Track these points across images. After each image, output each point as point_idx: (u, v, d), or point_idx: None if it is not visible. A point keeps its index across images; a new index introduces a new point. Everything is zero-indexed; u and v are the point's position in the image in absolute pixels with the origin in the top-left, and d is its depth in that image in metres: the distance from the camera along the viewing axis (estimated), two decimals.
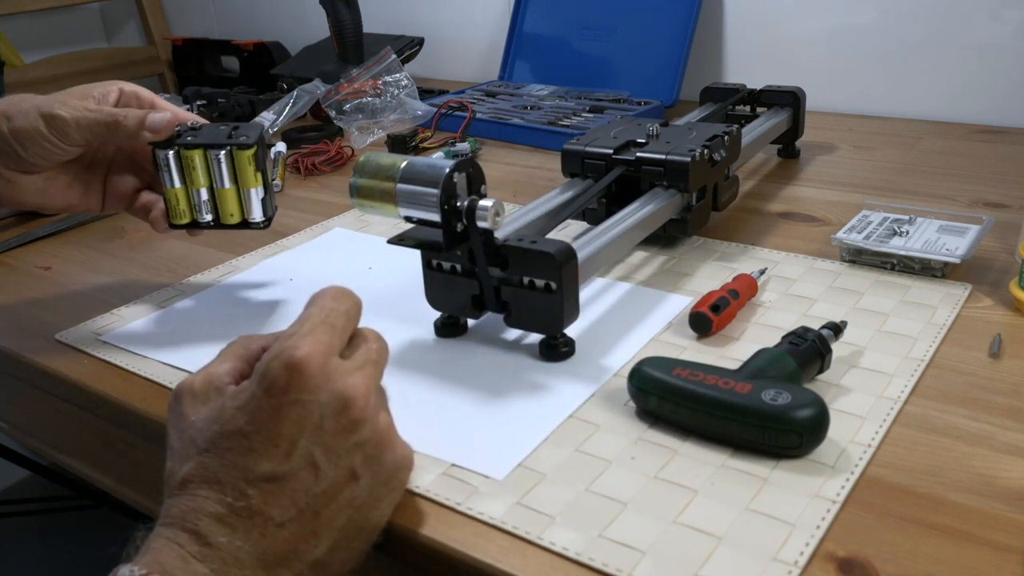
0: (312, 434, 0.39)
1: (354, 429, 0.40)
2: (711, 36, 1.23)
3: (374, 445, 0.41)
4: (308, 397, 0.39)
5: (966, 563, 0.39)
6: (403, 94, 1.15)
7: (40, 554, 1.54)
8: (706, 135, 0.71)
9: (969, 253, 0.64)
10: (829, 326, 0.53)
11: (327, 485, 0.40)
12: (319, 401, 0.40)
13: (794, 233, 0.75)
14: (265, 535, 0.38)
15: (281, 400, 0.39)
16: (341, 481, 0.40)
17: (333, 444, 0.40)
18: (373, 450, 0.41)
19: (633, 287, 0.66)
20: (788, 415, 0.44)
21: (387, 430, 0.43)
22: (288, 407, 0.39)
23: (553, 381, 0.54)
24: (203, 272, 0.74)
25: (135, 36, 1.95)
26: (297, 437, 0.39)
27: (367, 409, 0.41)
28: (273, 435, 0.39)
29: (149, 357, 0.60)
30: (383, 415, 0.43)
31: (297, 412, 0.39)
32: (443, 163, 0.52)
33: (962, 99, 1.07)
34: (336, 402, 0.40)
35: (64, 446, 0.70)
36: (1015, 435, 0.47)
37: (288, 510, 0.39)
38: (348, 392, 0.40)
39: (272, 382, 0.39)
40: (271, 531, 0.38)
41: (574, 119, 1.09)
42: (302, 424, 0.39)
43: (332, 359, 0.41)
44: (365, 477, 0.41)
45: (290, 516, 0.39)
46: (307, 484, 0.39)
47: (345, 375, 0.41)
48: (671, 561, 0.39)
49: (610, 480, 0.45)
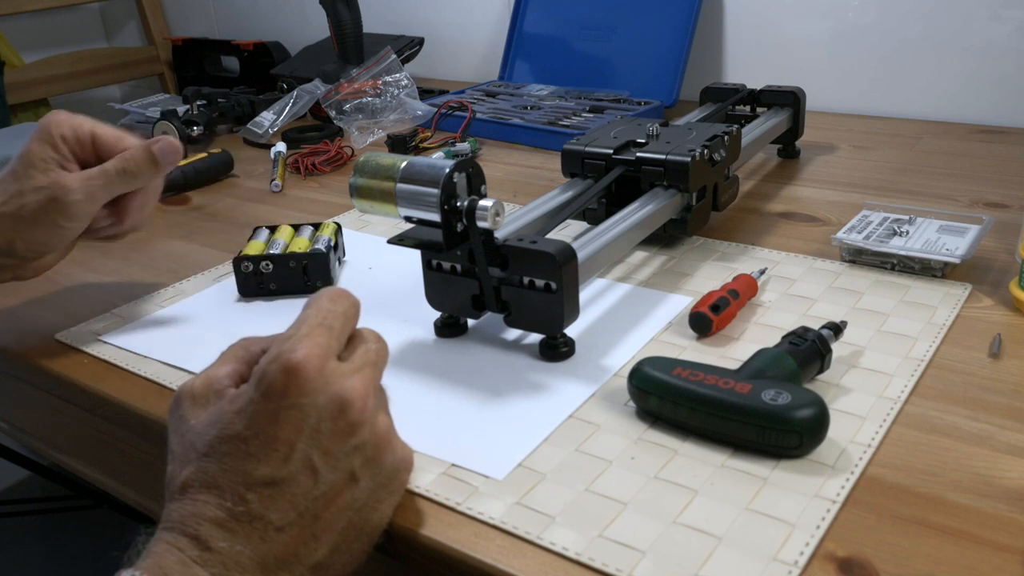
0: (310, 438, 0.39)
1: (352, 432, 0.40)
2: (711, 36, 1.23)
3: (373, 447, 0.41)
4: (305, 400, 0.39)
5: (966, 563, 0.39)
6: (403, 94, 1.15)
7: (40, 554, 1.53)
8: (706, 135, 0.71)
9: (969, 253, 0.64)
10: (829, 326, 0.53)
11: (326, 488, 0.40)
12: (316, 404, 0.39)
13: (794, 233, 0.75)
14: (265, 539, 0.38)
15: (279, 404, 0.39)
16: (340, 484, 0.40)
17: (331, 447, 0.40)
18: (372, 452, 0.41)
19: (633, 287, 0.66)
20: (788, 415, 0.44)
21: (386, 432, 0.43)
22: (285, 411, 0.39)
23: (553, 381, 0.54)
24: (203, 272, 0.74)
25: (135, 36, 1.95)
26: (295, 441, 0.39)
27: (365, 411, 0.41)
28: (271, 439, 0.39)
29: (149, 357, 0.60)
30: (382, 417, 0.43)
31: (294, 416, 0.39)
32: (443, 163, 0.52)
33: (962, 99, 1.07)
34: (333, 405, 0.40)
35: (64, 446, 0.70)
36: (1015, 435, 0.47)
37: (287, 514, 0.39)
38: (345, 395, 0.40)
39: (269, 386, 0.39)
40: (271, 535, 0.38)
41: (574, 119, 1.09)
42: (300, 428, 0.39)
43: (329, 361, 0.41)
44: (364, 479, 0.41)
45: (290, 520, 0.39)
46: (306, 488, 0.39)
47: (342, 377, 0.41)
48: (671, 561, 0.39)
49: (610, 480, 0.45)
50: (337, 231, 0.74)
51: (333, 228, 0.74)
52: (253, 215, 0.89)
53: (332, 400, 0.40)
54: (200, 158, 0.99)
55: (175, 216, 0.90)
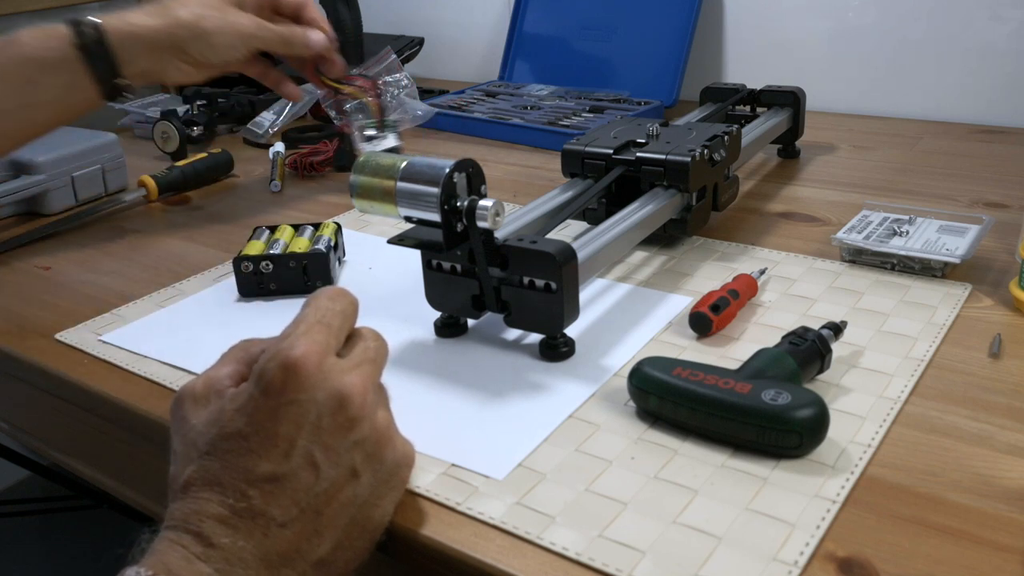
0: (310, 433, 0.40)
1: (352, 427, 0.41)
2: (711, 36, 1.23)
3: (373, 443, 0.42)
4: (304, 396, 0.39)
5: (966, 563, 0.39)
6: (403, 94, 1.15)
7: (40, 554, 1.54)
8: (706, 135, 0.71)
9: (969, 253, 0.64)
10: (829, 326, 0.53)
11: (328, 484, 0.40)
12: (316, 400, 0.40)
13: (794, 233, 0.75)
14: (268, 535, 0.38)
15: (278, 400, 0.39)
16: (342, 480, 0.40)
17: (332, 443, 0.40)
18: (373, 448, 0.42)
19: (633, 287, 0.66)
20: (788, 415, 0.44)
21: (386, 428, 0.43)
22: (285, 407, 0.39)
23: (553, 381, 0.54)
24: (203, 272, 0.74)
25: None
26: (295, 437, 0.39)
27: (365, 407, 0.41)
28: (272, 435, 0.39)
29: (149, 357, 0.60)
30: (382, 413, 0.43)
31: (294, 412, 0.39)
32: (443, 163, 0.52)
33: (962, 99, 1.07)
34: (333, 400, 0.40)
35: (64, 446, 0.70)
36: (1015, 435, 0.47)
37: (290, 510, 0.39)
38: (344, 390, 0.40)
39: (269, 383, 0.39)
40: (273, 531, 0.38)
41: (574, 119, 1.09)
42: (300, 424, 0.39)
43: (328, 358, 0.41)
44: (366, 475, 0.41)
45: (292, 516, 0.39)
46: (308, 483, 0.39)
47: (341, 374, 0.41)
48: (671, 561, 0.39)
49: (610, 480, 0.45)
50: (337, 231, 0.74)
51: (333, 228, 0.74)
52: (253, 215, 0.89)
53: (331, 396, 0.40)
54: (200, 158, 0.99)
55: (175, 216, 0.90)
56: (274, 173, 0.98)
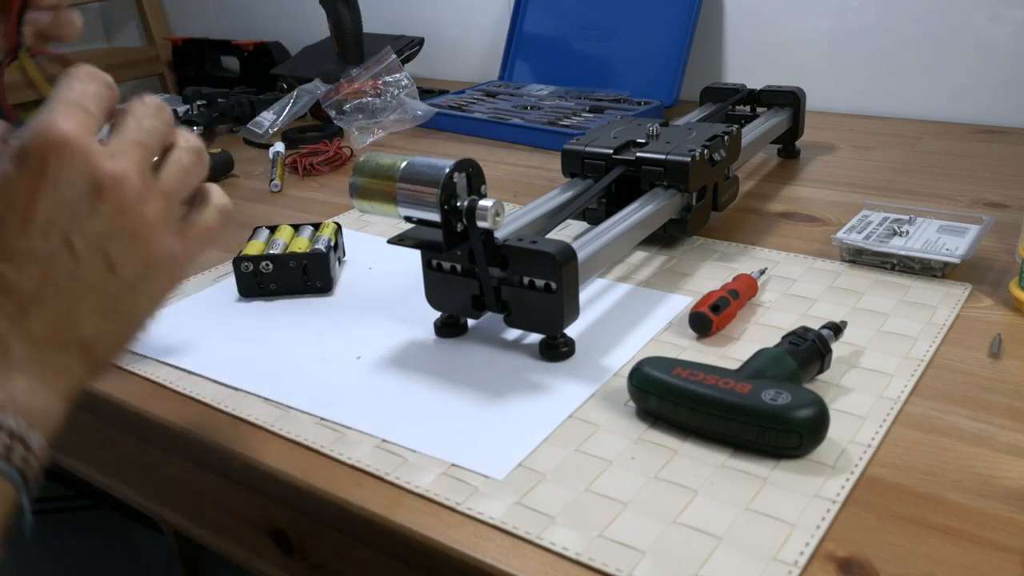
0: (68, 217, 0.38)
1: (113, 217, 0.39)
2: (711, 36, 1.23)
3: (130, 236, 0.40)
4: (65, 177, 0.38)
5: (966, 563, 0.39)
6: (403, 94, 1.15)
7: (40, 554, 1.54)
8: (706, 135, 0.72)
9: (969, 253, 0.64)
10: (829, 326, 0.53)
11: (86, 270, 0.39)
12: (75, 184, 0.38)
13: (794, 233, 0.75)
14: (23, 311, 0.38)
15: (36, 180, 0.38)
16: (99, 268, 0.39)
17: (89, 229, 0.39)
18: (130, 242, 0.40)
19: (633, 287, 0.66)
20: (788, 415, 0.44)
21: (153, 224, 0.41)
22: (44, 186, 0.38)
23: (553, 381, 0.54)
24: (203, 272, 0.74)
25: (135, 36, 1.95)
26: (54, 218, 0.38)
27: (125, 198, 0.40)
28: (28, 212, 0.38)
29: (149, 357, 0.60)
30: (154, 205, 0.41)
31: (52, 193, 0.38)
32: (443, 163, 0.52)
33: (962, 99, 1.07)
34: (91, 186, 0.39)
35: (64, 446, 0.70)
36: (1015, 435, 0.47)
37: (45, 288, 0.38)
38: (105, 177, 0.39)
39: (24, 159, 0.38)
40: (29, 309, 0.38)
41: (574, 119, 1.09)
42: (59, 204, 0.38)
43: (91, 142, 0.39)
44: (125, 270, 0.40)
45: (48, 295, 0.38)
46: (65, 266, 0.38)
47: (101, 158, 0.39)
48: (671, 561, 0.39)
49: (610, 480, 0.45)
50: (337, 231, 0.74)
51: (333, 228, 0.74)
52: (253, 215, 0.89)
53: (90, 181, 0.39)
54: None
55: None
56: (274, 173, 0.98)
